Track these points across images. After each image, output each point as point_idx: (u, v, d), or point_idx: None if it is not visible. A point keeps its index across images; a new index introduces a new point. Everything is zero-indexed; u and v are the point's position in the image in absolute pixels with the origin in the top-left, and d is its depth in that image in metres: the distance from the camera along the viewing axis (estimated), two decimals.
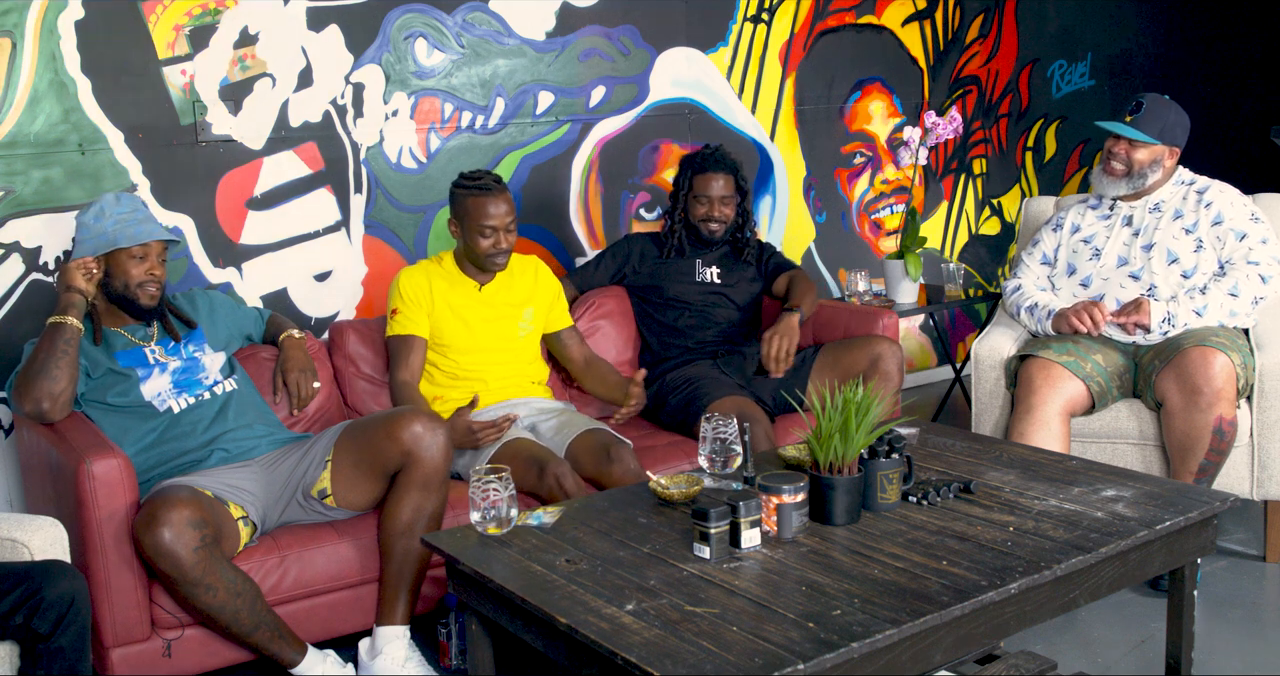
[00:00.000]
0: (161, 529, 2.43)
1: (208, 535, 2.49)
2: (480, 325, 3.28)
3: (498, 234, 3.20)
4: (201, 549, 2.46)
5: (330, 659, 2.70)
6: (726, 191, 3.67)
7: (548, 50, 4.06)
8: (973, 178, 5.43)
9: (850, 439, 2.22)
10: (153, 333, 2.92)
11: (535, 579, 2.06)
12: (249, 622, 2.57)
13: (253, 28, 3.50)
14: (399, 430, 2.71)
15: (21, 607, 2.15)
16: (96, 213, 2.85)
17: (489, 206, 3.17)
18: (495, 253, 3.22)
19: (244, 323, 3.19)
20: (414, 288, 3.26)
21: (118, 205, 2.87)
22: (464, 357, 3.26)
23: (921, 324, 5.33)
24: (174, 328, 2.94)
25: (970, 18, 5.28)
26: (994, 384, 3.44)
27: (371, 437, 2.74)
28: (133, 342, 2.87)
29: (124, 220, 2.84)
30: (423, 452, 2.70)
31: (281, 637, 2.63)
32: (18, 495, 3.28)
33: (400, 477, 2.74)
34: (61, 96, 3.23)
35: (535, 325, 3.39)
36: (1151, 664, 2.77)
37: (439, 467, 2.73)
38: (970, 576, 1.99)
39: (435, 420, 2.75)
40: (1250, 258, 3.25)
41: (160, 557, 2.44)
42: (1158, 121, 3.33)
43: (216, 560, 2.50)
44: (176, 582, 2.48)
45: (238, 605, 2.54)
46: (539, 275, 3.45)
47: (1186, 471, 3.12)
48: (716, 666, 1.72)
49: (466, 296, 3.30)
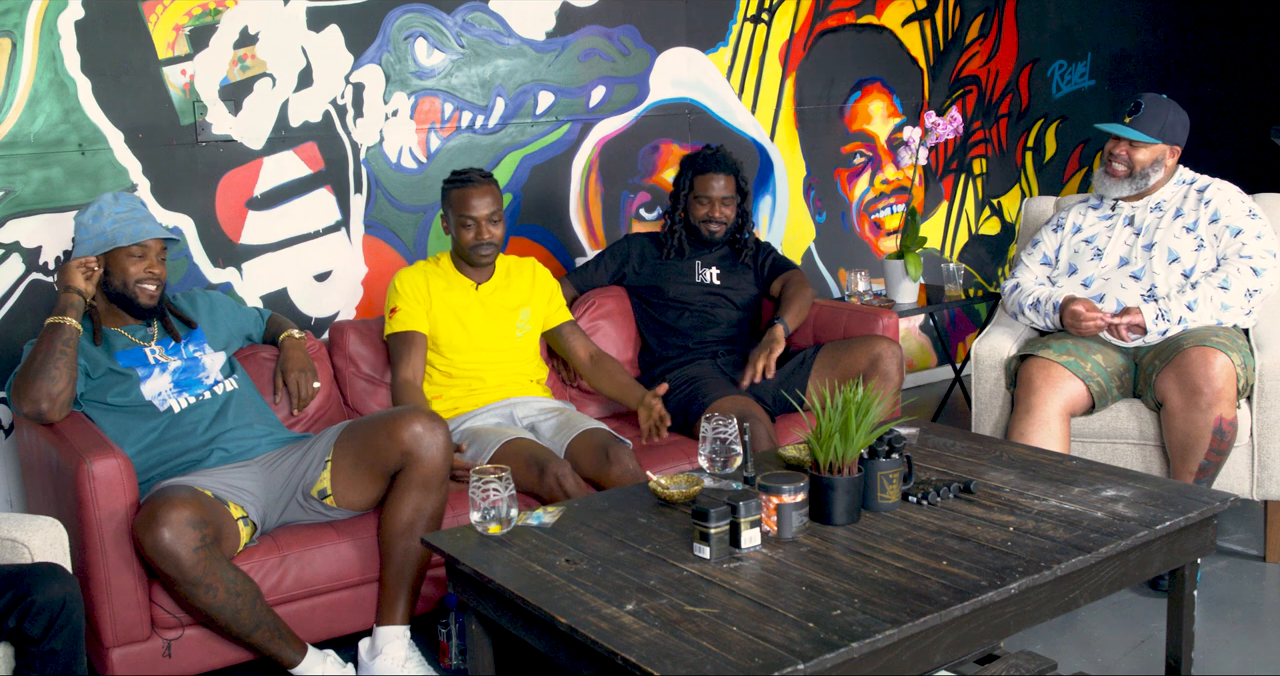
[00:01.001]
0: (161, 529, 2.43)
1: (208, 535, 2.49)
2: (477, 325, 3.29)
3: (479, 225, 3.21)
4: (201, 548, 2.46)
5: (330, 659, 2.70)
6: (727, 192, 3.67)
7: (548, 50, 4.06)
8: (973, 178, 5.43)
9: (850, 439, 2.22)
10: (153, 332, 2.92)
11: (535, 579, 2.06)
12: (249, 622, 2.57)
13: (253, 28, 3.50)
14: (399, 430, 2.71)
15: (13, 611, 2.15)
16: (95, 212, 2.84)
17: (471, 198, 3.21)
18: (477, 244, 3.23)
19: (244, 323, 3.19)
20: (412, 286, 3.27)
21: (116, 204, 2.86)
22: (460, 357, 3.27)
23: (921, 324, 5.33)
24: (174, 327, 2.93)
25: (970, 18, 5.28)
26: (994, 384, 3.44)
27: (371, 437, 2.74)
28: (133, 342, 2.87)
29: (122, 219, 2.83)
30: (423, 452, 2.70)
31: (281, 637, 2.63)
32: (18, 495, 3.28)
33: (400, 477, 2.73)
34: (61, 96, 3.23)
35: (533, 325, 3.39)
36: (1151, 664, 2.76)
37: (439, 467, 2.73)
38: (970, 576, 1.99)
39: (435, 420, 2.75)
40: (1243, 252, 3.24)
41: (160, 558, 2.44)
42: (1157, 121, 3.33)
43: (216, 560, 2.50)
44: (176, 582, 2.48)
45: (238, 605, 2.54)
46: (536, 275, 3.46)
47: (1186, 471, 3.12)
48: (716, 666, 1.72)
49: (464, 296, 3.30)
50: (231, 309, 3.17)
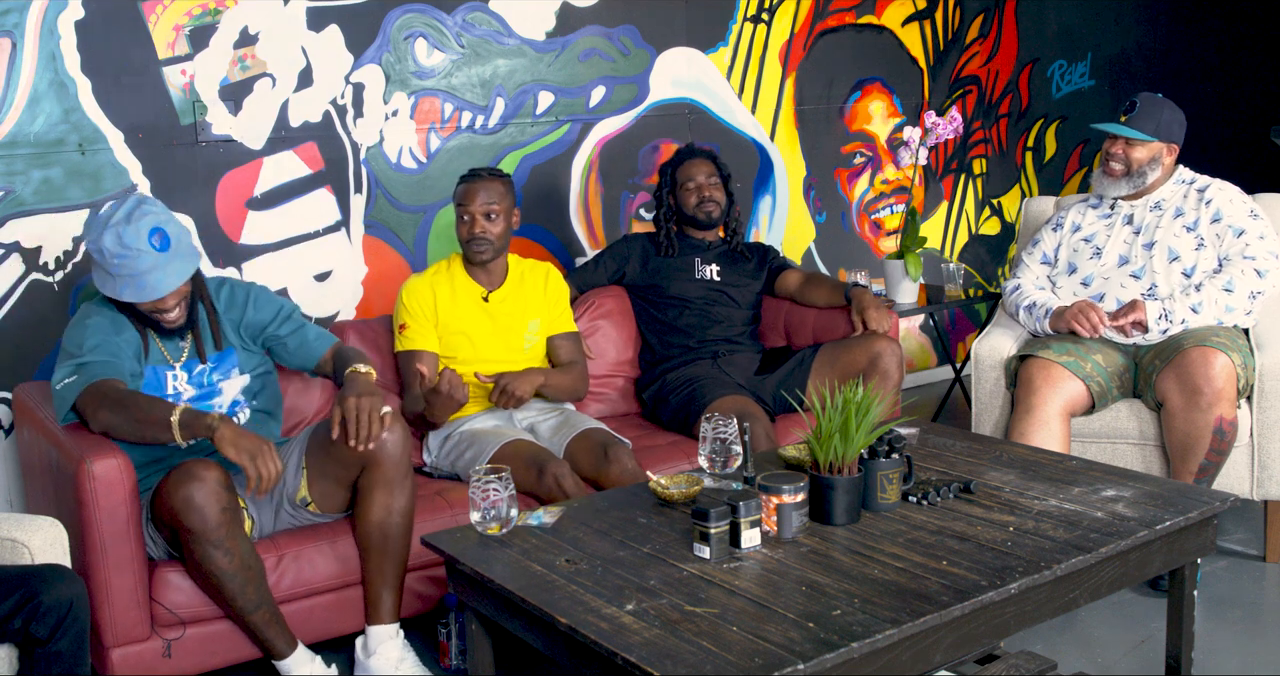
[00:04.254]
0: (195, 483, 2.46)
1: (233, 501, 2.53)
2: (484, 340, 3.26)
3: (474, 219, 3.18)
4: (228, 511, 2.50)
5: (317, 661, 2.70)
6: (711, 174, 3.72)
7: (548, 50, 4.06)
8: (973, 178, 5.43)
9: (850, 439, 2.22)
10: (184, 348, 2.80)
11: (535, 579, 2.06)
12: (254, 598, 2.58)
13: (253, 28, 3.50)
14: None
15: (20, 611, 2.15)
16: (98, 250, 2.59)
17: (468, 192, 3.20)
18: (471, 238, 3.20)
19: (296, 338, 2.91)
20: (418, 302, 3.23)
21: (118, 250, 2.56)
22: (465, 369, 3.24)
23: (921, 324, 5.33)
24: (203, 347, 2.80)
25: (970, 18, 5.28)
26: (994, 384, 3.44)
27: (330, 442, 2.69)
28: (162, 360, 2.77)
29: (125, 274, 2.58)
30: (379, 452, 2.67)
31: (278, 624, 2.64)
32: (18, 495, 3.28)
33: (362, 479, 2.72)
34: (61, 96, 3.23)
35: (540, 336, 3.36)
36: (1151, 664, 2.76)
37: (399, 463, 2.70)
38: (970, 576, 1.99)
39: (391, 417, 2.68)
40: (1246, 253, 3.25)
41: (190, 511, 2.45)
42: (1153, 119, 3.34)
43: (238, 526, 2.54)
44: (198, 539, 2.48)
45: (246, 577, 2.56)
46: (549, 282, 3.41)
47: (1187, 471, 3.12)
48: (716, 666, 1.72)
49: (471, 308, 3.26)
50: (275, 319, 2.90)
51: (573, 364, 3.38)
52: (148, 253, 2.57)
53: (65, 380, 2.60)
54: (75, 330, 2.71)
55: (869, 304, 3.51)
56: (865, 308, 3.50)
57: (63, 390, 2.60)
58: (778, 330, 3.84)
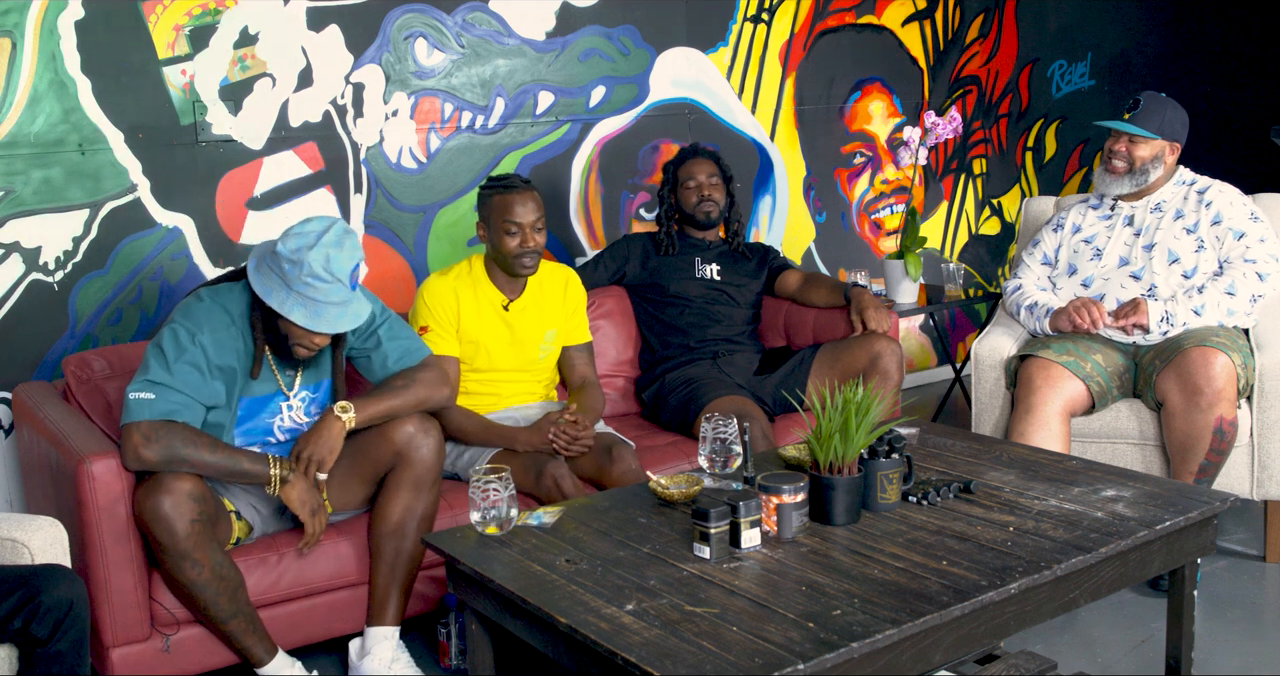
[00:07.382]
0: (163, 496, 2.45)
1: (205, 512, 2.51)
2: (500, 350, 3.21)
3: (524, 231, 3.09)
4: (197, 522, 2.48)
5: (298, 666, 2.70)
6: (712, 174, 3.73)
7: (548, 50, 4.06)
8: (973, 178, 5.43)
9: (850, 439, 2.22)
10: (295, 376, 2.76)
11: (535, 579, 2.06)
12: (227, 609, 2.57)
13: (253, 28, 3.50)
14: (391, 430, 2.70)
15: (20, 611, 2.15)
16: (294, 263, 2.49)
17: (515, 204, 3.09)
18: (522, 252, 3.10)
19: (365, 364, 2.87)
20: (442, 306, 3.15)
21: (321, 271, 2.49)
22: (479, 376, 3.22)
23: (921, 324, 5.33)
24: (313, 376, 2.77)
25: (970, 18, 5.28)
26: (994, 384, 3.44)
27: (363, 437, 2.73)
28: (274, 388, 2.73)
29: (313, 296, 2.52)
30: (414, 453, 2.70)
31: (255, 633, 2.63)
32: (18, 495, 3.28)
33: (390, 478, 2.73)
34: (61, 96, 3.23)
35: (556, 345, 3.32)
36: (1151, 664, 2.76)
37: (430, 468, 2.72)
38: (970, 576, 1.99)
39: (428, 421, 2.74)
40: (1248, 256, 3.25)
41: (156, 523, 2.45)
42: (1156, 117, 3.34)
43: (208, 538, 2.52)
44: (166, 551, 2.48)
45: (219, 588, 2.54)
46: (569, 288, 3.34)
47: (1187, 471, 3.12)
48: (716, 666, 1.72)
49: (490, 317, 3.19)
50: (398, 347, 2.85)
51: (586, 384, 3.31)
52: (343, 286, 2.54)
53: (141, 394, 2.50)
54: (179, 336, 2.56)
55: (869, 304, 3.51)
56: (865, 307, 3.50)
57: (135, 405, 2.50)
58: (777, 330, 3.84)
